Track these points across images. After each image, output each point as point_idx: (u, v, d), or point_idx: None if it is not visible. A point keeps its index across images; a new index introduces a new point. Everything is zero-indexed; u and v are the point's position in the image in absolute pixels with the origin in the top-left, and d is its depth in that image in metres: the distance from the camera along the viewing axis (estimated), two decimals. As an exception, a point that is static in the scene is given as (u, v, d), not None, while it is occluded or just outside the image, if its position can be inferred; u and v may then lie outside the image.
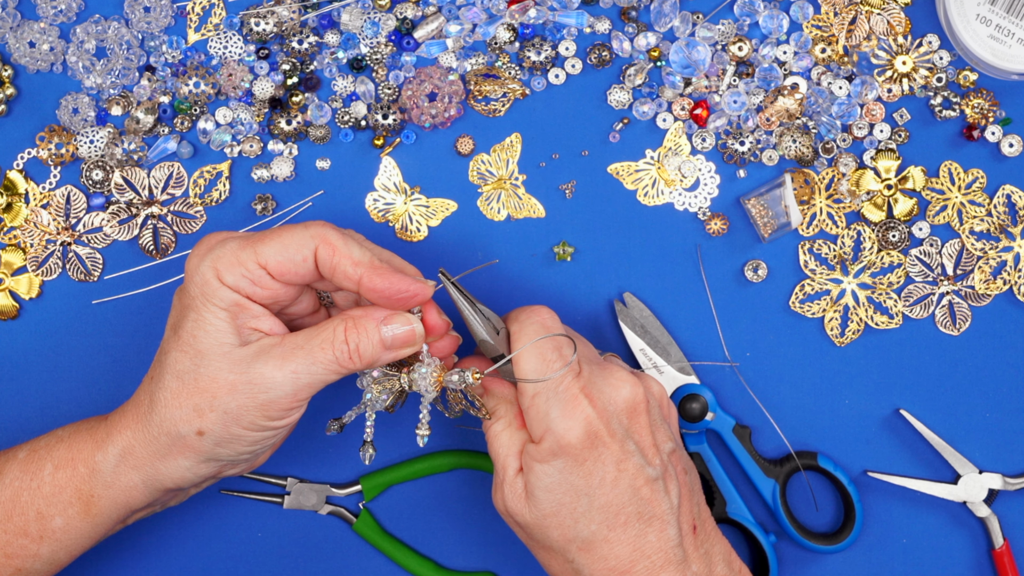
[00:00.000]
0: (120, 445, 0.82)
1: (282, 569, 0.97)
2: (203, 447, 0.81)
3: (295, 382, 0.80)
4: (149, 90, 0.96)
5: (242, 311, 0.81)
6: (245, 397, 0.80)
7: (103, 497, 0.83)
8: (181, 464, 0.82)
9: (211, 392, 0.80)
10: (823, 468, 0.95)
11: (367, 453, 0.86)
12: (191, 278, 0.81)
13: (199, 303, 0.81)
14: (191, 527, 0.97)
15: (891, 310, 0.97)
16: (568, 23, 0.96)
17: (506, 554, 0.97)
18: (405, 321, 0.83)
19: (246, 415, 0.80)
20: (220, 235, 0.83)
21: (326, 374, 0.81)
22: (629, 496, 0.81)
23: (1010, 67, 0.94)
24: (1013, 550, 0.97)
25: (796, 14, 0.96)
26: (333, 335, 0.81)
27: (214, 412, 0.80)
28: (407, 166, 0.97)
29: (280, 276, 0.81)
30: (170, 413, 0.81)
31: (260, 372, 0.80)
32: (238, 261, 0.81)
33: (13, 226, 0.96)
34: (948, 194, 0.97)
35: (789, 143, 0.96)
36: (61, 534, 0.83)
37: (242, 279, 0.81)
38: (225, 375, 0.80)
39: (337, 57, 0.96)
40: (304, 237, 0.81)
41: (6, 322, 0.96)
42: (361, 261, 0.81)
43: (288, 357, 0.80)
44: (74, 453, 0.83)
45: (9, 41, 0.96)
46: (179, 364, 0.81)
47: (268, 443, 0.83)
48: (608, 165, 0.97)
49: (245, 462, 0.85)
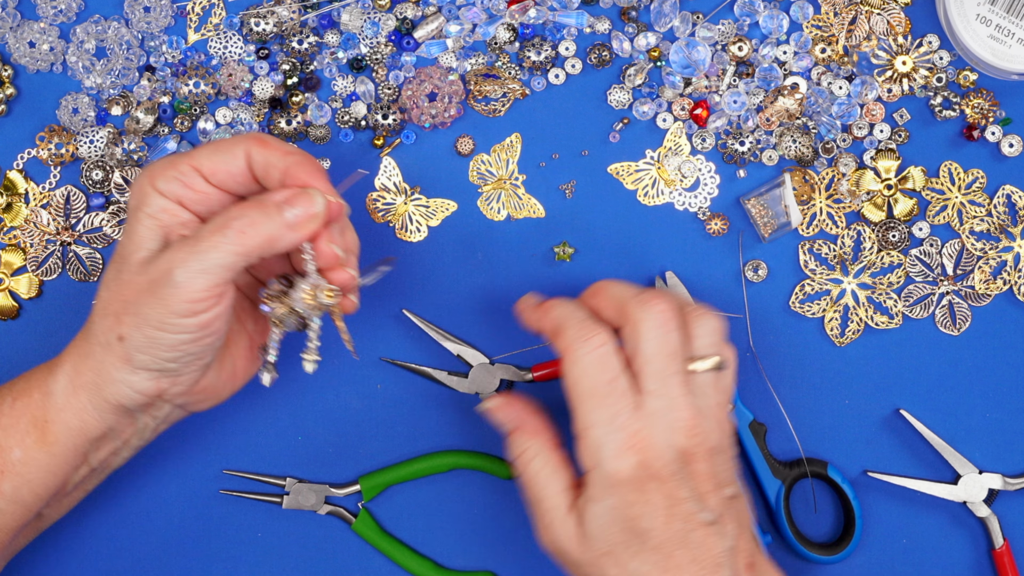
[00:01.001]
0: (67, 366, 0.83)
1: (281, 569, 0.97)
2: (127, 353, 0.81)
3: (186, 270, 0.78)
4: (149, 90, 0.96)
5: (171, 218, 0.81)
6: (148, 295, 0.80)
7: (56, 421, 0.83)
8: (115, 376, 0.82)
9: (125, 296, 0.81)
10: (831, 478, 0.95)
11: (265, 376, 0.85)
12: (131, 192, 0.83)
13: (131, 215, 0.82)
14: (191, 527, 0.97)
15: (891, 310, 0.97)
16: (568, 23, 0.96)
17: (506, 554, 0.97)
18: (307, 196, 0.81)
19: (153, 314, 0.79)
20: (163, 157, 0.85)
21: (219, 257, 0.79)
22: (683, 539, 0.80)
23: (1010, 67, 0.94)
24: (1013, 550, 0.97)
25: (796, 14, 0.96)
26: (222, 216, 0.80)
27: (128, 315, 0.80)
28: (407, 166, 0.97)
29: (212, 175, 0.82)
30: (99, 323, 0.82)
31: (157, 267, 0.80)
32: (171, 165, 0.82)
33: (13, 226, 0.96)
34: (948, 194, 0.97)
35: (789, 143, 0.96)
36: (21, 467, 0.83)
37: (173, 181, 0.81)
38: (135, 277, 0.80)
39: (337, 57, 0.96)
40: (238, 139, 0.82)
41: (6, 322, 0.96)
42: (292, 151, 0.82)
43: (179, 247, 0.79)
44: (31, 383, 0.84)
45: (9, 41, 0.96)
46: (108, 274, 0.83)
47: (189, 350, 0.81)
48: (608, 165, 0.97)
49: (180, 375, 0.83)
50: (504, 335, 0.97)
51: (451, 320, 0.96)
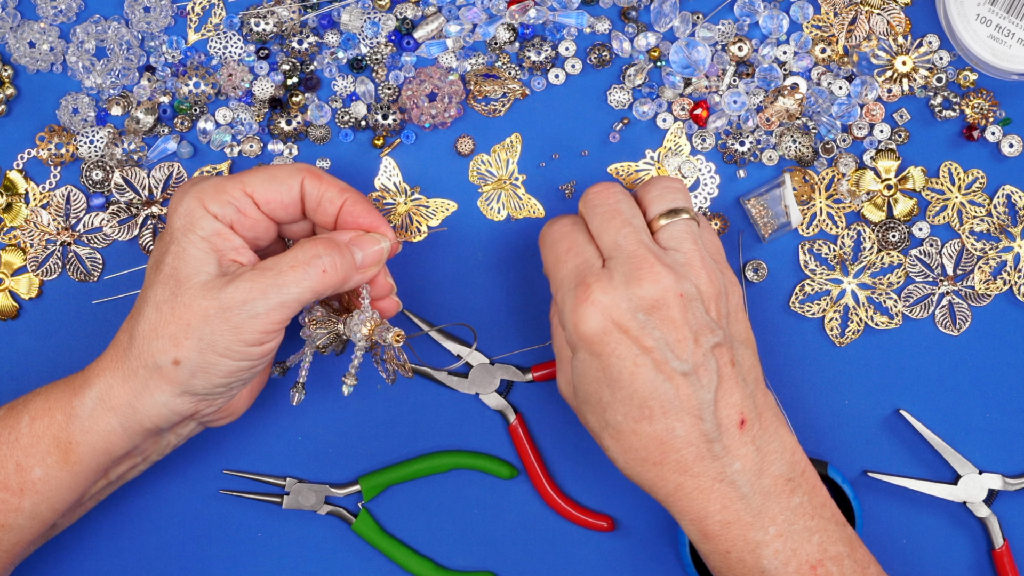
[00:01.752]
0: (98, 387, 0.83)
1: (281, 569, 0.97)
2: (180, 377, 0.81)
3: (266, 303, 0.81)
4: (149, 90, 0.96)
5: (223, 241, 0.83)
6: (219, 321, 0.80)
7: (81, 443, 0.83)
8: (158, 399, 0.82)
9: (186, 320, 0.81)
10: (831, 478, 0.95)
11: (296, 395, 0.88)
12: (174, 211, 0.83)
13: (180, 235, 0.82)
14: (191, 527, 0.97)
15: (891, 310, 0.97)
16: (568, 23, 0.96)
17: (506, 554, 0.97)
18: (374, 240, 0.86)
19: (221, 340, 0.81)
20: (203, 175, 0.86)
21: (299, 293, 0.82)
22: (651, 390, 0.81)
23: (1010, 67, 0.94)
24: (1013, 550, 0.97)
25: (796, 14, 0.96)
26: (303, 253, 0.83)
27: (189, 339, 0.81)
28: (407, 166, 0.97)
29: (265, 205, 0.84)
30: (148, 344, 0.81)
31: (231, 295, 0.81)
32: (223, 189, 0.83)
33: (13, 226, 0.96)
34: (948, 194, 0.97)
35: (789, 143, 0.96)
36: (42, 485, 0.83)
37: (227, 206, 0.83)
38: (199, 301, 0.81)
39: (337, 57, 0.96)
40: (291, 169, 0.85)
41: (6, 322, 0.96)
42: (347, 188, 0.86)
43: (258, 278, 0.81)
44: (51, 403, 0.84)
45: (9, 41, 0.96)
46: (158, 295, 0.82)
47: (243, 376, 0.83)
48: (608, 165, 0.97)
49: (220, 397, 0.84)
50: (504, 335, 0.97)
51: (451, 320, 0.96)
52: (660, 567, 0.97)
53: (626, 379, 0.81)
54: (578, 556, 0.97)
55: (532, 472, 0.96)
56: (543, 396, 0.97)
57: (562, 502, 0.96)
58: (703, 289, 0.83)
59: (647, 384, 0.81)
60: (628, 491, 0.97)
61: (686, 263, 0.84)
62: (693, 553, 0.94)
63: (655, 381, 0.81)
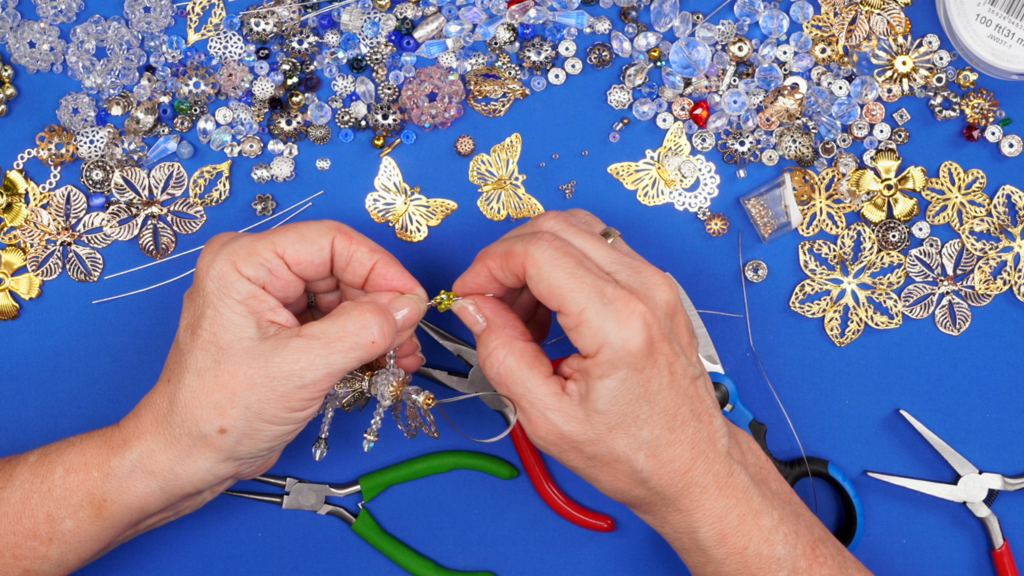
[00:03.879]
0: (138, 450, 0.82)
1: (281, 569, 0.97)
2: (225, 445, 0.81)
3: (315, 372, 0.80)
4: (149, 90, 0.96)
5: (259, 303, 0.82)
6: (266, 390, 0.80)
7: (116, 502, 0.83)
8: (201, 465, 0.82)
9: (231, 388, 0.80)
10: (832, 477, 0.95)
11: (319, 450, 0.87)
12: (206, 274, 0.82)
13: (215, 299, 0.81)
14: (191, 527, 0.97)
15: (891, 310, 0.97)
16: (568, 23, 0.96)
17: (506, 554, 0.97)
18: (412, 302, 0.84)
19: (268, 408, 0.80)
20: (230, 234, 0.84)
21: (346, 361, 0.81)
22: (682, 396, 0.81)
23: (1010, 67, 0.94)
24: (1013, 550, 0.97)
25: (796, 14, 0.96)
26: (351, 323, 0.81)
27: (236, 408, 0.80)
28: (407, 166, 0.97)
29: (296, 265, 0.83)
30: (192, 413, 0.81)
31: (279, 364, 0.80)
32: (255, 251, 0.82)
33: (13, 226, 0.96)
34: (948, 194, 0.97)
35: (789, 143, 0.96)
36: (71, 536, 0.83)
37: (260, 268, 0.82)
38: (245, 370, 0.80)
39: (337, 57, 0.96)
40: (321, 228, 0.84)
41: (6, 322, 0.96)
42: (377, 249, 0.84)
43: (306, 348, 0.80)
44: (87, 458, 0.83)
45: (9, 41, 0.96)
46: (199, 363, 0.81)
47: (286, 439, 0.83)
48: (608, 165, 0.97)
49: (262, 459, 0.85)
50: (504, 335, 0.97)
51: (450, 321, 0.96)
52: (660, 567, 0.97)
53: (664, 390, 0.80)
54: (578, 556, 0.97)
55: (532, 472, 0.96)
56: (543, 396, 0.97)
57: (562, 502, 0.96)
58: (677, 288, 0.84)
59: (678, 392, 0.81)
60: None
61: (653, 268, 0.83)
62: None
63: (682, 387, 0.81)
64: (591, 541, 0.97)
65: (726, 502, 0.82)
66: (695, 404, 0.82)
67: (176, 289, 0.96)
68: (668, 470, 0.81)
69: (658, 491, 0.82)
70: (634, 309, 0.79)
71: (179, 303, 0.96)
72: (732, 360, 0.97)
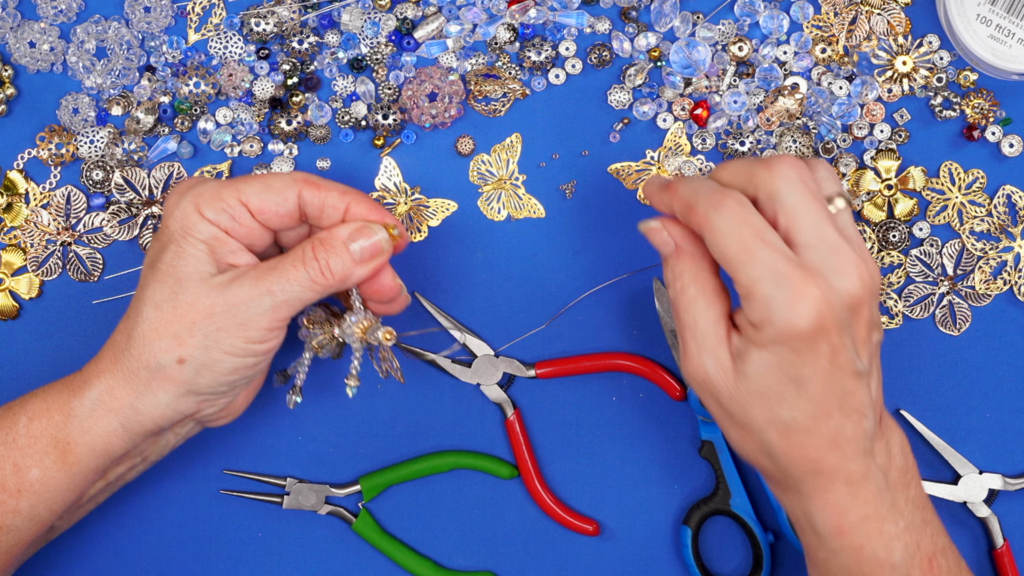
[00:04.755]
0: (98, 388, 0.83)
1: (282, 569, 0.97)
2: (183, 376, 0.82)
3: (272, 300, 0.81)
4: (149, 90, 0.96)
5: (220, 245, 0.83)
6: (224, 318, 0.81)
7: (79, 443, 0.83)
8: (161, 399, 0.82)
9: (190, 318, 0.81)
10: None
11: (291, 398, 0.88)
12: (170, 214, 0.83)
13: (178, 236, 0.83)
14: (191, 527, 0.97)
15: (891, 310, 0.97)
16: (568, 23, 0.96)
17: (506, 554, 0.97)
18: (371, 233, 0.85)
19: (226, 338, 0.81)
20: (197, 178, 0.86)
21: (301, 291, 0.82)
22: (835, 388, 0.78)
23: (1010, 67, 0.94)
24: (1013, 550, 0.97)
25: (796, 14, 0.96)
26: (303, 253, 0.83)
27: (194, 337, 0.81)
28: (407, 166, 0.97)
29: (260, 214, 0.84)
30: (149, 344, 0.81)
31: (236, 293, 0.81)
32: (219, 196, 0.83)
33: (13, 226, 0.96)
34: (948, 194, 0.97)
35: (789, 143, 0.96)
36: (39, 486, 0.83)
37: (222, 213, 0.83)
38: (203, 299, 0.81)
39: (337, 57, 0.96)
40: (287, 179, 0.85)
41: (6, 322, 0.96)
42: (348, 191, 0.85)
43: (262, 277, 0.82)
44: (48, 403, 0.84)
45: (9, 41, 0.96)
46: (157, 294, 0.82)
47: (247, 374, 0.84)
48: (608, 165, 0.97)
49: (223, 396, 0.85)
50: (503, 336, 0.97)
51: (451, 319, 0.96)
52: (658, 568, 0.97)
53: (819, 378, 0.78)
54: (579, 556, 0.97)
55: (524, 468, 0.96)
56: (543, 393, 0.97)
57: (550, 501, 0.96)
58: (878, 281, 0.80)
59: (834, 383, 0.78)
60: (620, 494, 0.97)
61: (867, 254, 0.80)
62: (696, 554, 0.95)
63: (838, 379, 0.78)
64: (591, 541, 0.97)
65: (851, 500, 0.80)
66: (847, 399, 0.78)
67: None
68: (797, 454, 0.79)
69: (783, 469, 0.80)
70: (806, 292, 0.76)
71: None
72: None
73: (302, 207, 0.85)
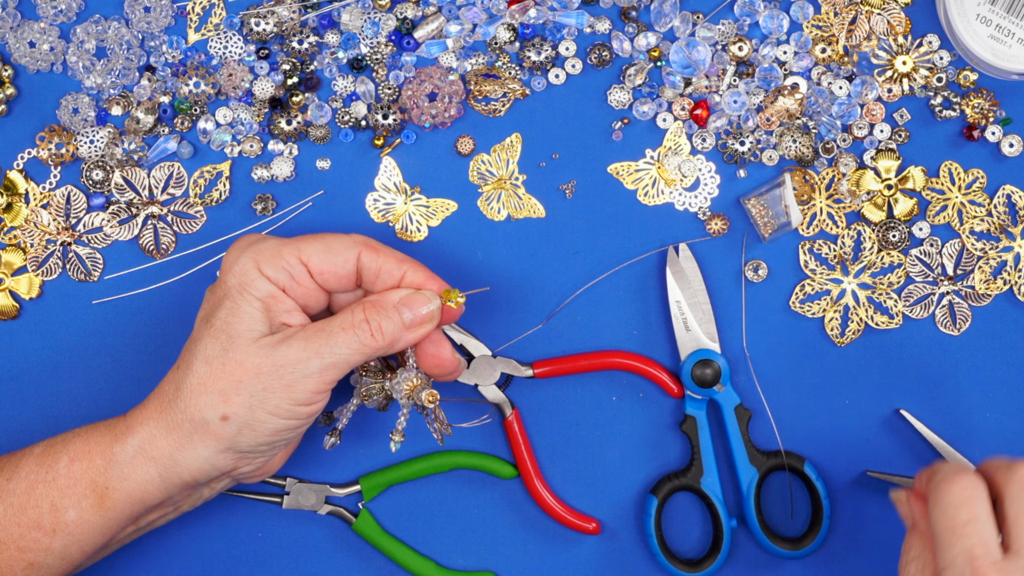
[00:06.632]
0: (140, 436, 0.83)
1: (282, 569, 0.97)
2: (226, 433, 0.81)
3: (320, 362, 0.81)
4: (149, 90, 0.96)
5: (276, 303, 0.83)
6: (271, 379, 0.81)
7: (118, 490, 0.83)
8: (200, 454, 0.82)
9: (237, 376, 0.81)
10: (806, 474, 0.95)
11: (330, 440, 0.90)
12: (229, 269, 0.84)
13: (235, 292, 0.83)
14: (191, 527, 0.97)
15: (891, 310, 0.97)
16: (568, 23, 0.96)
17: (506, 554, 0.97)
18: (424, 300, 0.85)
19: (272, 398, 0.81)
20: (259, 235, 0.86)
21: (349, 354, 0.82)
22: None
23: (1010, 67, 0.94)
24: (1013, 550, 0.97)
25: (796, 14, 0.96)
26: (352, 316, 0.83)
27: (240, 396, 0.81)
28: (407, 166, 0.97)
29: (319, 275, 0.84)
30: (196, 399, 0.81)
31: (285, 353, 0.81)
32: (279, 254, 0.83)
33: (13, 226, 0.96)
34: (948, 194, 0.97)
35: (789, 143, 0.96)
36: (74, 527, 0.83)
37: (281, 271, 0.83)
38: (252, 359, 0.81)
39: (337, 57, 0.96)
40: (348, 241, 0.85)
41: (6, 322, 0.96)
42: (405, 259, 0.85)
43: (311, 339, 0.82)
44: (91, 446, 0.84)
45: (9, 41, 0.96)
46: (208, 350, 0.82)
47: (288, 436, 0.84)
48: (608, 165, 0.97)
49: (261, 455, 0.85)
50: (503, 335, 0.97)
51: (451, 320, 0.96)
52: (656, 568, 0.97)
53: None
54: (579, 556, 0.97)
55: (523, 468, 0.96)
56: (542, 393, 0.97)
57: (551, 501, 0.96)
58: None
59: None
60: (620, 493, 0.97)
61: None
62: (657, 525, 0.95)
63: None
64: (591, 541, 0.97)
65: None
66: None
67: (176, 289, 0.96)
68: None
69: None
70: None
71: (179, 303, 0.96)
72: (732, 353, 0.97)
73: (359, 270, 0.85)
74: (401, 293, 0.85)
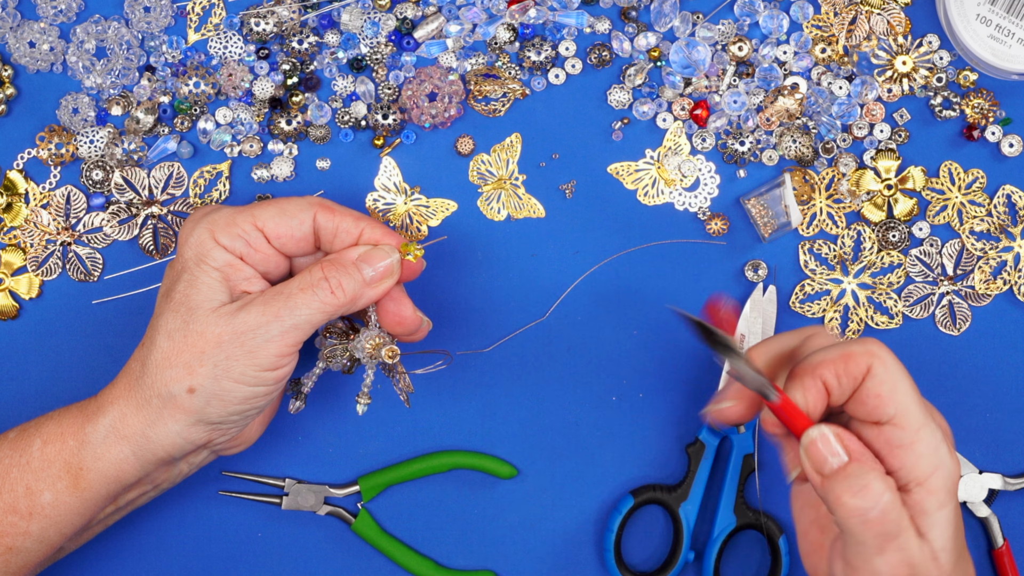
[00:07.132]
0: (111, 415, 0.83)
1: (281, 570, 0.97)
2: (194, 406, 0.81)
3: (280, 325, 0.81)
4: (149, 90, 0.96)
5: (235, 272, 0.83)
6: (233, 347, 0.81)
7: (92, 470, 0.83)
8: (172, 428, 0.82)
9: (200, 347, 0.81)
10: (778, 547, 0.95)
11: (295, 404, 0.89)
12: (185, 241, 0.84)
13: (192, 264, 0.83)
14: (191, 528, 0.97)
15: (891, 310, 0.97)
16: (568, 23, 0.96)
17: (506, 554, 0.97)
18: (383, 254, 0.85)
19: (236, 366, 0.81)
20: (213, 206, 0.86)
21: (310, 315, 0.82)
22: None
23: (1010, 67, 0.94)
24: (1013, 550, 0.97)
25: (796, 14, 0.96)
26: (310, 275, 0.83)
27: (204, 367, 0.81)
28: (407, 166, 0.97)
29: (276, 239, 0.84)
30: (161, 373, 0.81)
31: (244, 320, 0.81)
32: (233, 222, 0.83)
33: (13, 226, 0.96)
34: (948, 194, 0.97)
35: (789, 143, 0.96)
36: (50, 510, 0.83)
37: (237, 239, 0.83)
38: (212, 329, 0.81)
39: (337, 57, 0.96)
40: (302, 203, 0.85)
41: (6, 322, 0.96)
42: (362, 217, 0.85)
43: (271, 302, 0.82)
44: (63, 428, 0.84)
45: (9, 41, 0.96)
46: (170, 324, 0.82)
47: (257, 403, 0.83)
48: (608, 165, 0.97)
49: (234, 425, 0.84)
50: (503, 335, 0.97)
51: (450, 319, 0.96)
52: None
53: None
54: (579, 556, 0.97)
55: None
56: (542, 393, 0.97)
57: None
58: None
59: None
60: (620, 493, 0.97)
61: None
62: (621, 526, 0.95)
63: None
64: (591, 541, 0.97)
65: None
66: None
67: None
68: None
69: None
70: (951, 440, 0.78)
71: (179, 303, 0.96)
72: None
73: (317, 232, 0.85)
74: (360, 250, 0.85)
